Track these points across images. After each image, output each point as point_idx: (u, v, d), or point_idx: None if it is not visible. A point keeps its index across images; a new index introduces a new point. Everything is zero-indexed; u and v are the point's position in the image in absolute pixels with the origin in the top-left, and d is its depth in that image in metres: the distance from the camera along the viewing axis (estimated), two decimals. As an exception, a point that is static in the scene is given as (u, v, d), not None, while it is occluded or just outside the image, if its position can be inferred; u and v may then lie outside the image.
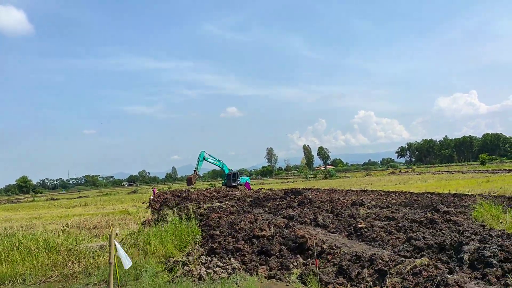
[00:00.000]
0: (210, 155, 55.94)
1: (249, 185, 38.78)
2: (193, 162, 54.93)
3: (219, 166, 58.59)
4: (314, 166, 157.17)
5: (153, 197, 32.91)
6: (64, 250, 10.28)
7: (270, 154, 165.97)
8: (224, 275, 8.30)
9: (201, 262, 8.90)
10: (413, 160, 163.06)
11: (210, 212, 14.22)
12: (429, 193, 25.98)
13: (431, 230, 9.68)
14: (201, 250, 9.81)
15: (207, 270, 8.47)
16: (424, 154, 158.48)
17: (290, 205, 16.81)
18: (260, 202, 18.81)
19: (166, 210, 15.80)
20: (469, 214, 12.16)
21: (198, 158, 53.83)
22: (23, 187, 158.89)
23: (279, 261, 8.70)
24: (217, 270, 8.54)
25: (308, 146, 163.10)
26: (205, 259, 8.97)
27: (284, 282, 7.87)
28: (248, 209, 16.55)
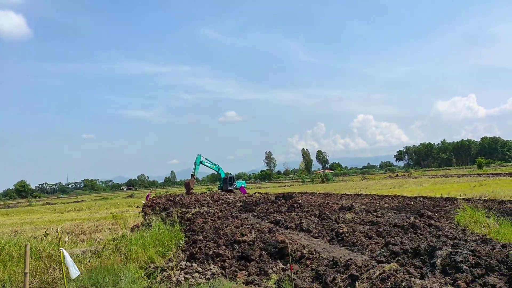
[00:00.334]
0: (206, 159, 55.95)
1: (244, 189, 38.78)
2: (192, 166, 54.90)
3: (215, 170, 58.59)
4: (313, 170, 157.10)
5: (145, 201, 32.86)
6: (45, 256, 10.25)
7: (269, 158, 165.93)
8: (202, 281, 8.29)
9: (180, 267, 8.88)
10: (411, 163, 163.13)
11: (197, 217, 14.21)
12: (421, 197, 26.01)
13: (412, 235, 9.68)
14: (182, 256, 9.80)
15: (186, 276, 8.45)
16: (422, 157, 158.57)
17: (279, 209, 16.80)
18: (250, 207, 18.79)
19: (151, 216, 15.77)
20: (453, 218, 12.17)
21: (195, 162, 53.82)
22: (22, 192, 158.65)
23: (258, 266, 8.69)
24: (195, 275, 8.52)
25: (306, 150, 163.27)
26: (184, 265, 8.96)
27: (261, 287, 7.86)
28: (237, 213, 16.54)
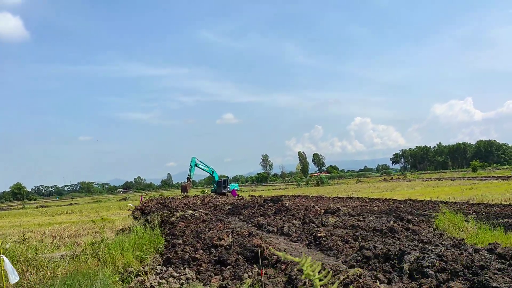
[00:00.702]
0: (201, 161, 55.91)
1: (235, 192, 38.77)
2: (189, 168, 54.85)
3: (209, 173, 58.53)
4: (309, 173, 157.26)
5: (131, 205, 32.79)
6: (23, 260, 10.21)
7: (265, 161, 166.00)
8: (176, 286, 8.25)
9: (156, 272, 8.84)
10: (408, 166, 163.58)
11: (181, 220, 14.17)
12: (411, 200, 26.09)
13: (389, 239, 9.69)
14: (159, 260, 9.77)
15: (160, 281, 8.42)
16: (418, 160, 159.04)
17: (265, 213, 16.79)
18: (237, 210, 18.77)
19: (140, 219, 15.73)
20: (433, 222, 12.19)
21: (190, 165, 53.77)
22: (17, 194, 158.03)
23: (234, 270, 8.66)
24: (170, 280, 8.49)
25: (303, 152, 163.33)
26: (160, 269, 8.92)
27: (234, 292, 7.83)
28: (222, 217, 16.52)
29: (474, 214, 18.91)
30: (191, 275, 8.67)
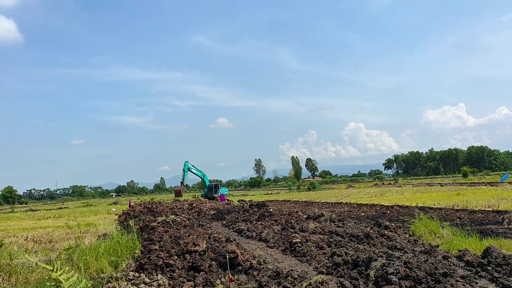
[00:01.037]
0: (193, 166, 55.83)
1: (224, 197, 38.70)
2: (181, 173, 54.70)
3: (201, 177, 58.44)
4: (303, 178, 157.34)
5: (114, 210, 32.60)
6: (-5, 265, 10.06)
7: (258, 165, 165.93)
8: (147, 292, 8.18)
9: (128, 278, 8.75)
10: (400, 172, 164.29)
11: (162, 225, 14.09)
12: (398, 206, 26.22)
13: (364, 245, 9.71)
14: (133, 266, 9.68)
15: (131, 287, 8.34)
16: (410, 166, 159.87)
17: (248, 218, 16.75)
18: (221, 215, 18.71)
19: (128, 222, 15.60)
20: (410, 228, 12.23)
21: (183, 169, 53.64)
22: (8, 198, 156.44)
23: (206, 277, 8.60)
24: (141, 287, 8.40)
25: (296, 157, 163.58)
26: (132, 275, 8.83)
27: (204, 299, 7.78)
28: (205, 222, 16.46)
29: (458, 220, 19.05)
30: (163, 281, 8.59)
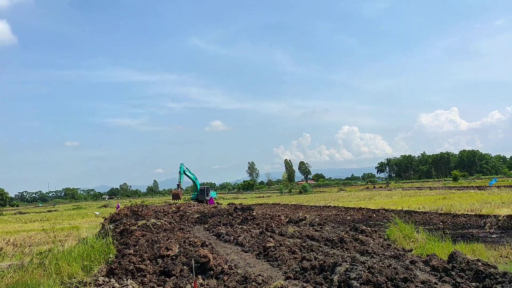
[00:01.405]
0: (187, 168, 55.63)
1: (212, 200, 38.63)
2: (176, 175, 54.40)
3: (193, 180, 58.21)
4: (296, 181, 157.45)
5: (97, 213, 32.43)
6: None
7: (252, 168, 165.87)
8: (116, 297, 8.12)
9: (98, 283, 8.68)
10: (393, 175, 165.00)
11: (142, 229, 14.00)
12: (384, 209, 26.33)
13: (338, 250, 9.73)
14: (104, 271, 9.61)
15: (100, 292, 8.27)
16: (403, 169, 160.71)
17: (231, 222, 16.69)
18: (205, 219, 18.63)
19: (108, 225, 15.47)
20: (386, 232, 12.27)
21: (179, 172, 53.34)
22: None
23: (177, 282, 8.55)
24: (110, 291, 8.35)
25: (289, 160, 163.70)
26: (102, 280, 8.76)
27: (172, 304, 7.73)
28: (187, 226, 16.39)
29: (441, 224, 19.17)
30: (133, 286, 8.53)
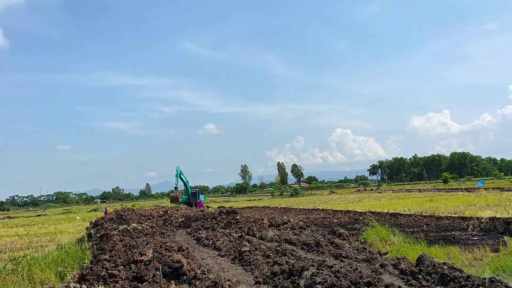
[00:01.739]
0: (181, 172, 55.46)
1: (201, 203, 38.51)
2: (170, 179, 54.18)
3: (185, 184, 58.06)
4: (289, 183, 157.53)
5: (78, 218, 32.15)
6: None
7: (244, 171, 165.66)
8: (86, 303, 8.03)
9: (69, 289, 8.58)
10: (385, 178, 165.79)
11: (122, 234, 13.89)
12: (371, 212, 26.41)
13: (314, 253, 9.73)
14: (77, 277, 9.50)
15: (70, 298, 8.17)
16: (395, 172, 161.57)
17: (213, 226, 16.65)
18: (189, 223, 18.55)
19: (89, 230, 15.31)
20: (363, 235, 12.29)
21: (176, 174, 53.07)
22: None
23: (148, 287, 8.49)
24: (81, 298, 8.25)
25: (282, 163, 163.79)
26: (73, 286, 8.66)
27: (142, 310, 7.67)
28: (168, 230, 16.31)
29: (425, 226, 19.26)
30: (105, 292, 8.45)
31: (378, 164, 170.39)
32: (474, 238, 14.59)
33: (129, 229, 14.77)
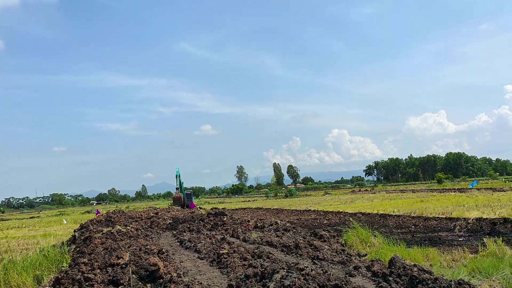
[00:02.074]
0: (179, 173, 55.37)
1: (193, 204, 38.47)
2: (166, 180, 54.28)
3: (180, 185, 58.00)
4: (286, 184, 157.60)
5: (65, 221, 32.02)
6: None
7: (240, 172, 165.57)
8: (59, 307, 7.96)
9: (43, 293, 8.53)
10: (381, 178, 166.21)
11: (105, 237, 13.80)
12: (361, 213, 26.47)
13: (293, 255, 9.70)
14: (53, 280, 9.43)
15: (43, 302, 8.12)
16: (391, 172, 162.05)
17: (199, 228, 16.58)
18: (176, 225, 18.47)
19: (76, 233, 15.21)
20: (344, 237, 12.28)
21: (176, 175, 52.91)
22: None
23: (124, 290, 8.43)
24: (54, 301, 8.19)
25: (278, 164, 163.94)
26: (48, 290, 8.61)
27: (114, 313, 7.61)
28: (153, 232, 16.23)
29: (413, 227, 19.30)
30: (79, 296, 8.39)
31: (374, 164, 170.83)
32: (460, 239, 14.61)
33: (113, 231, 14.68)
